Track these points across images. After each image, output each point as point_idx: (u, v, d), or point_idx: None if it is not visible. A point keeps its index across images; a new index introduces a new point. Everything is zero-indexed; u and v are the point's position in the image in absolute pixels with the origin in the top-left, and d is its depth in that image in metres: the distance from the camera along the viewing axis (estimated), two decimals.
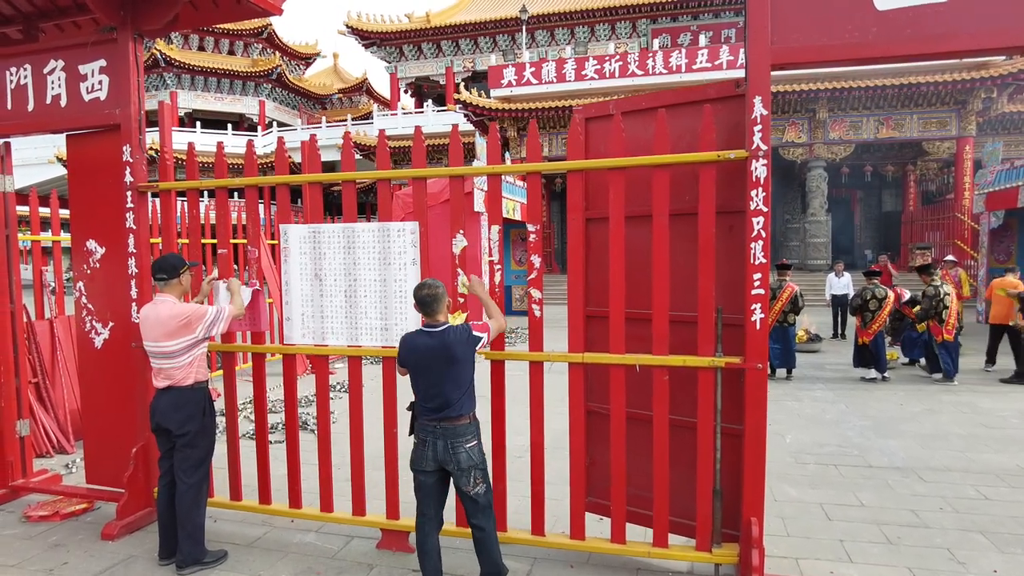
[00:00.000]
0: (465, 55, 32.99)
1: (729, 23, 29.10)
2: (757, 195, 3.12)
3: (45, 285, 6.73)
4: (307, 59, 41.43)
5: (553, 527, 3.92)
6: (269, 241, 9.97)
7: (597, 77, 21.64)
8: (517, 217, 15.96)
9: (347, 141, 3.95)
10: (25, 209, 6.31)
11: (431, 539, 3.23)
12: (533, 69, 22.30)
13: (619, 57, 21.60)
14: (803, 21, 3.10)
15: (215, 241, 4.27)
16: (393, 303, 3.76)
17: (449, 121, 28.67)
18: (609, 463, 3.54)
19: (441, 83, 33.86)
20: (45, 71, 4.38)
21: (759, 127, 3.11)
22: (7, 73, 4.50)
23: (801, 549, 3.82)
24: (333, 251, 3.89)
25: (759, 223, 3.12)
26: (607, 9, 29.90)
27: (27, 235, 6.62)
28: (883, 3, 2.97)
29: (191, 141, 4.36)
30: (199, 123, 33.61)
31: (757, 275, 3.14)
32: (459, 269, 3.76)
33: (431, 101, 34.29)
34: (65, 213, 5.76)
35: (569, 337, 3.57)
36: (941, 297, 8.56)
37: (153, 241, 4.40)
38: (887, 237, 26.26)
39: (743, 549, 3.24)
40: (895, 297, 9.15)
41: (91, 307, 4.44)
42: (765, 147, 3.12)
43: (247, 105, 37.00)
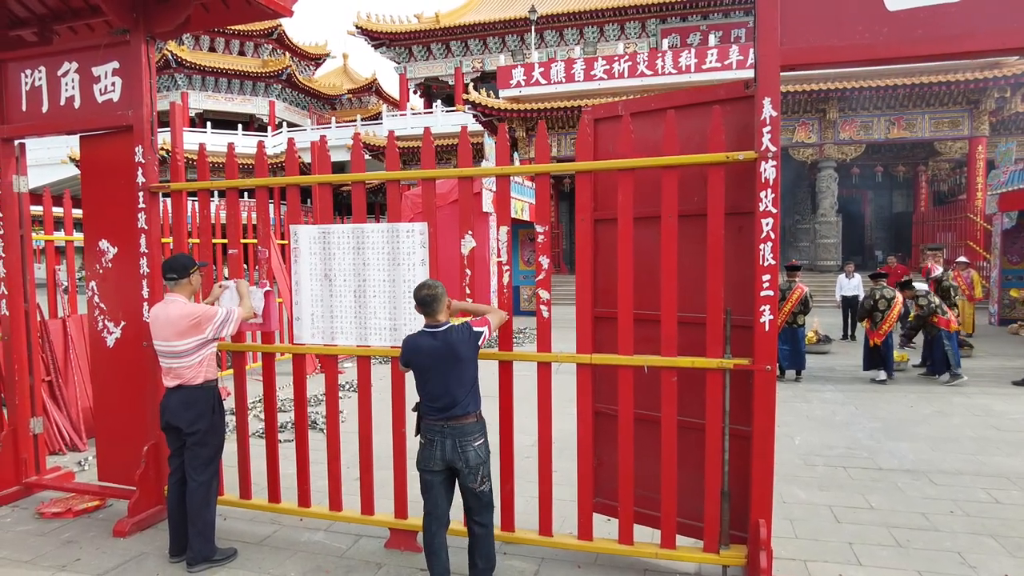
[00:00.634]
0: (474, 55, 33.04)
1: (739, 23, 29.00)
2: (766, 196, 3.12)
3: (58, 284, 6.80)
4: (317, 60, 41.61)
5: (560, 527, 3.93)
6: (278, 241, 10.02)
7: (606, 77, 21.62)
8: (525, 217, 15.96)
9: (356, 142, 3.97)
10: (39, 209, 6.37)
11: (439, 538, 3.25)
12: (542, 69, 22.30)
13: (628, 57, 21.58)
14: (813, 22, 3.09)
15: (226, 241, 4.29)
16: (402, 303, 3.78)
17: (458, 121, 28.73)
18: (617, 464, 3.54)
19: (450, 83, 33.93)
20: (59, 73, 4.43)
21: (768, 128, 3.11)
22: (22, 75, 4.55)
23: (809, 551, 3.80)
24: (343, 251, 3.92)
25: (768, 224, 3.11)
26: (616, 9, 29.87)
27: (40, 235, 6.69)
28: (894, 4, 2.96)
29: (202, 142, 4.40)
30: (209, 123, 33.85)
31: (766, 276, 3.13)
32: (467, 270, 3.77)
33: (440, 101, 34.38)
34: (78, 213, 5.83)
35: (577, 338, 3.58)
36: (941, 291, 8.64)
37: (164, 241, 4.43)
38: (898, 238, 26.10)
39: (751, 551, 3.24)
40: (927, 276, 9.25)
41: (103, 306, 4.48)
42: (774, 148, 3.11)
43: (257, 105, 37.22)
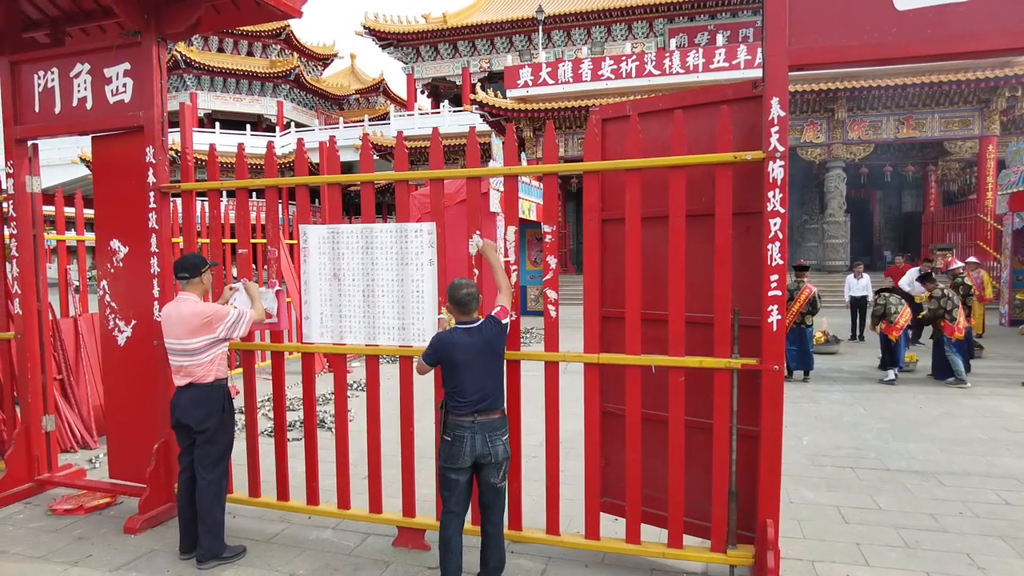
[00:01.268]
0: (481, 55, 33.07)
1: (747, 22, 28.89)
2: (774, 196, 3.12)
3: (70, 283, 6.87)
4: (324, 60, 41.75)
5: (567, 527, 3.94)
6: (287, 241, 10.07)
7: (614, 77, 21.61)
8: (533, 217, 15.97)
9: (365, 143, 3.99)
10: (51, 209, 6.44)
11: (458, 536, 3.25)
12: (549, 69, 22.31)
13: (636, 57, 21.55)
14: (821, 22, 3.08)
15: (235, 241, 4.33)
16: (410, 303, 3.80)
17: (465, 122, 28.76)
18: (624, 464, 3.55)
19: (457, 83, 33.97)
20: (72, 74, 4.48)
21: (776, 128, 3.11)
22: (35, 76, 4.60)
23: (817, 552, 3.80)
24: (351, 251, 3.94)
25: (776, 224, 3.11)
26: (624, 9, 29.81)
27: (52, 235, 6.75)
28: (903, 3, 2.95)
29: (212, 143, 4.43)
30: (218, 124, 34.00)
31: (774, 276, 3.13)
32: (475, 269, 3.78)
33: (447, 102, 34.41)
34: (89, 213, 5.88)
35: (585, 338, 3.59)
36: (949, 296, 8.50)
37: (174, 241, 4.47)
38: (907, 238, 25.94)
39: (758, 551, 3.24)
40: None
41: (114, 305, 4.52)
42: (782, 148, 3.11)
43: (265, 106, 37.37)
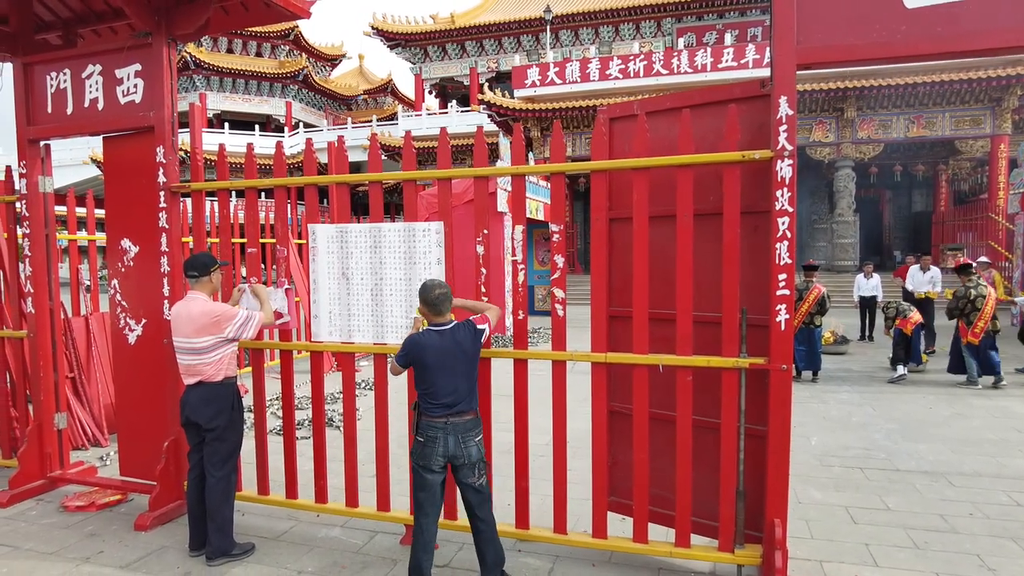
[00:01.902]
0: (489, 56, 33.08)
1: (755, 21, 28.79)
2: (782, 195, 3.11)
3: (81, 283, 6.92)
4: (333, 60, 41.89)
5: (574, 526, 3.94)
6: (295, 241, 10.11)
7: (621, 77, 21.57)
8: (540, 217, 15.96)
9: (374, 143, 4.01)
10: (62, 209, 6.49)
11: (433, 538, 3.26)
12: (557, 69, 22.30)
13: (644, 56, 21.51)
14: (830, 20, 3.07)
15: (244, 240, 4.36)
16: (418, 302, 3.81)
17: (473, 122, 28.79)
18: (631, 463, 3.55)
19: (465, 84, 34.01)
20: (83, 75, 4.52)
21: (784, 127, 3.10)
22: (47, 78, 4.65)
23: (825, 552, 3.79)
24: (360, 250, 3.96)
25: (784, 223, 3.11)
26: (632, 8, 29.77)
27: (64, 234, 6.82)
28: (912, 1, 2.94)
29: (222, 143, 4.46)
30: (227, 124, 34.19)
31: (782, 276, 3.12)
32: (483, 269, 3.79)
33: (455, 102, 34.44)
34: (100, 213, 5.93)
35: (592, 337, 3.59)
36: (972, 298, 8.37)
37: (184, 240, 4.50)
38: (917, 238, 25.76)
39: (766, 550, 3.23)
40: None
41: (125, 304, 4.56)
42: (790, 147, 3.10)
43: (274, 106, 37.54)
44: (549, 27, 28.24)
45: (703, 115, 3.43)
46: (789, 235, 3.11)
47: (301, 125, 36.01)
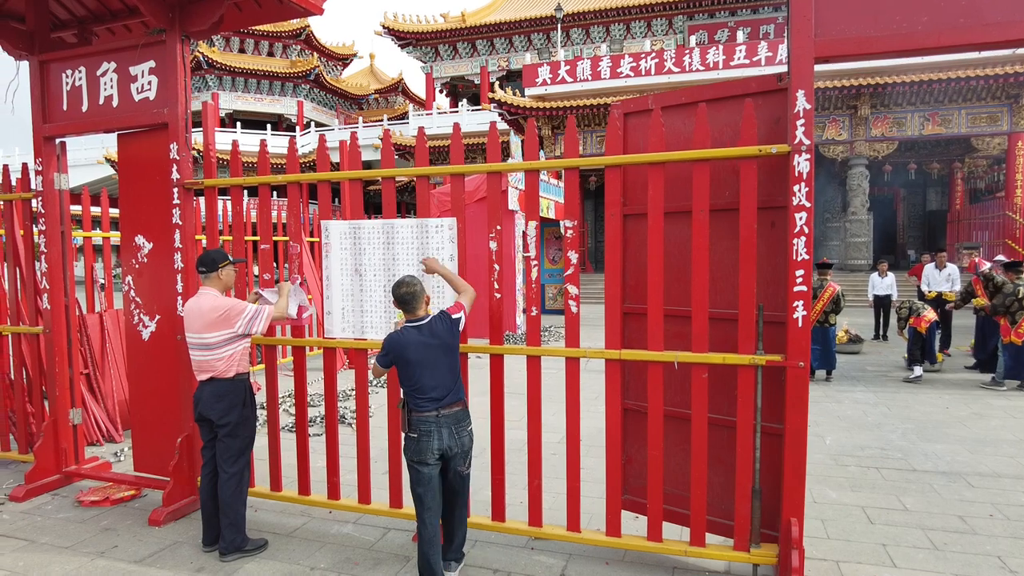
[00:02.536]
0: (500, 54, 33.06)
1: (767, 19, 28.57)
2: (800, 190, 3.07)
3: (95, 280, 6.98)
4: (344, 60, 42.02)
5: (588, 524, 3.92)
6: (308, 239, 10.14)
7: (633, 74, 21.48)
8: (551, 216, 15.93)
9: (387, 138, 4.00)
10: (77, 208, 6.54)
11: (438, 532, 3.30)
12: (568, 67, 22.24)
13: (655, 54, 21.40)
14: (848, 12, 3.03)
15: (257, 238, 4.37)
16: (432, 298, 3.79)
17: (483, 120, 28.79)
18: (645, 461, 3.53)
19: (476, 82, 33.99)
20: (98, 73, 4.54)
21: (802, 121, 3.06)
22: (63, 76, 4.68)
23: (842, 552, 3.74)
24: (373, 247, 3.95)
25: (802, 219, 3.07)
26: (643, 6, 29.62)
27: (78, 232, 6.87)
28: None
29: (235, 139, 4.47)
30: (239, 124, 34.38)
31: (799, 272, 3.08)
32: (496, 265, 3.78)
33: (466, 101, 34.48)
34: (114, 212, 5.97)
35: (606, 333, 3.56)
36: (1020, 296, 8.20)
37: (197, 238, 4.51)
38: (932, 237, 25.52)
39: (782, 550, 3.19)
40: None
41: (139, 301, 4.58)
42: (808, 142, 3.06)
43: (286, 106, 37.72)
44: (560, 25, 28.20)
45: (718, 110, 3.39)
46: (807, 231, 3.07)
47: (312, 124, 36.15)
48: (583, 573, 3.50)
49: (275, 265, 5.59)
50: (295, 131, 36.34)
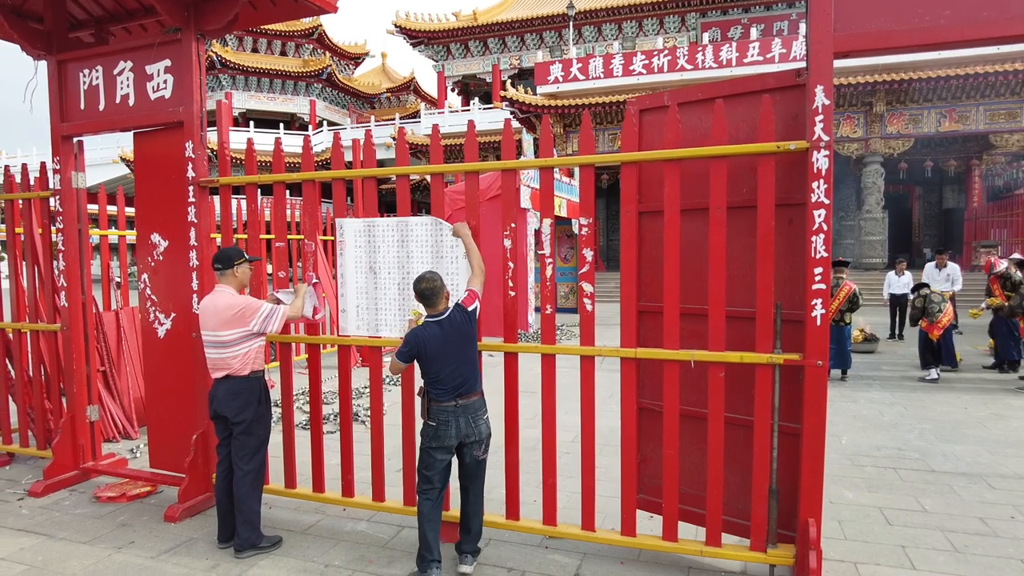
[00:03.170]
0: (512, 52, 33.02)
1: (781, 15, 28.32)
2: (819, 187, 3.03)
3: (111, 278, 7.04)
4: (356, 59, 42.14)
5: (602, 524, 3.90)
6: (321, 237, 10.17)
7: (645, 72, 21.38)
8: (562, 214, 15.88)
9: (401, 136, 3.99)
10: (93, 208, 6.60)
11: (439, 510, 3.42)
12: (580, 65, 22.17)
13: (668, 51, 21.28)
14: (868, 6, 2.98)
15: (272, 236, 4.38)
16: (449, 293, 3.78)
17: (495, 119, 28.75)
18: (661, 460, 3.50)
19: (487, 81, 33.97)
20: (115, 72, 4.57)
21: (821, 117, 3.03)
22: (80, 75, 4.71)
23: (860, 553, 3.69)
24: (387, 244, 3.95)
25: (821, 216, 3.03)
26: (655, 3, 29.45)
27: (95, 231, 6.93)
28: None
29: (250, 138, 4.48)
30: (252, 123, 34.57)
31: (818, 269, 3.05)
32: (510, 263, 3.76)
33: (477, 99, 34.43)
34: (130, 211, 6.01)
35: (622, 332, 3.54)
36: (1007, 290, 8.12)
37: (212, 236, 4.53)
38: (948, 235, 25.20)
39: (800, 551, 3.16)
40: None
41: (154, 298, 4.61)
42: (827, 138, 3.02)
43: (298, 105, 37.89)
44: (572, 23, 28.11)
45: (735, 106, 3.36)
46: (825, 228, 3.03)
47: (325, 123, 36.28)
48: (598, 572, 3.48)
49: (289, 264, 5.62)
50: (308, 130, 36.48)
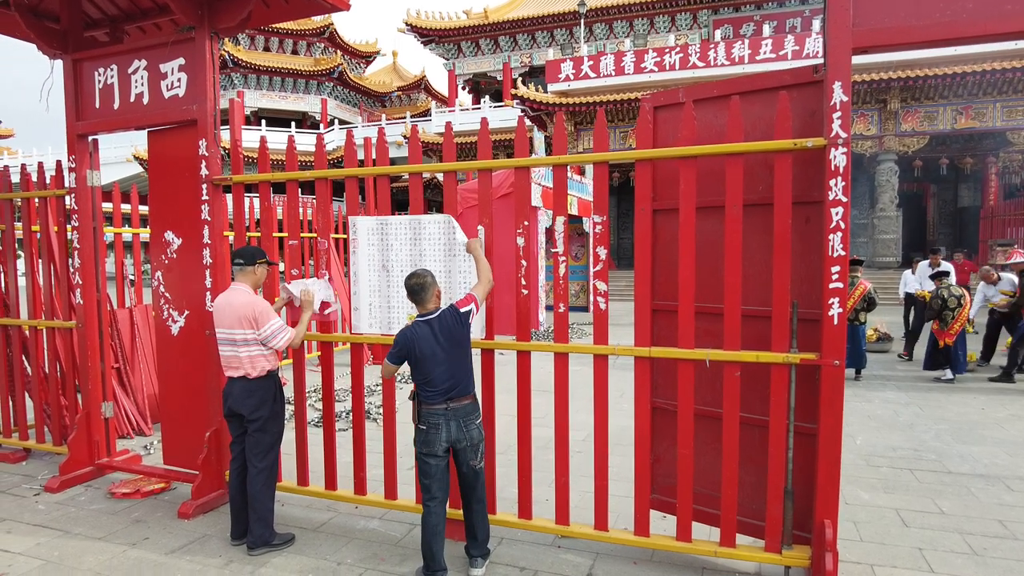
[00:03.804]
0: (523, 50, 32.96)
1: (794, 12, 28.08)
2: (836, 184, 3.00)
3: (125, 276, 7.08)
4: (367, 57, 42.24)
5: (615, 523, 3.88)
6: (334, 235, 10.19)
7: (657, 69, 21.25)
8: (573, 212, 15.85)
9: (414, 134, 3.99)
10: (108, 206, 6.64)
11: (442, 523, 3.34)
12: (591, 62, 22.08)
13: (679, 49, 21.14)
14: (888, 1, 2.94)
15: (285, 234, 4.39)
16: (458, 294, 3.78)
17: (505, 117, 28.71)
18: (674, 460, 3.47)
19: (498, 79, 33.94)
20: (129, 71, 4.59)
21: (839, 114, 2.98)
22: (95, 74, 4.74)
23: (876, 556, 3.65)
24: (400, 242, 3.95)
25: (838, 214, 2.99)
26: (667, 0, 29.30)
27: (109, 229, 6.97)
28: None
29: (263, 135, 4.49)
30: (264, 121, 34.73)
31: (835, 268, 3.01)
32: (523, 261, 3.75)
33: (488, 97, 34.42)
34: (144, 209, 6.05)
35: (636, 330, 3.51)
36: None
37: (225, 235, 4.54)
38: (963, 234, 24.92)
39: (815, 552, 3.13)
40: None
41: (168, 296, 4.63)
42: (845, 135, 2.99)
43: (310, 103, 38.02)
44: (583, 20, 28.02)
45: (751, 103, 3.32)
46: (843, 226, 3.00)
47: (336, 122, 36.38)
48: (610, 572, 3.46)
49: (302, 262, 5.61)
50: (319, 128, 36.62)
